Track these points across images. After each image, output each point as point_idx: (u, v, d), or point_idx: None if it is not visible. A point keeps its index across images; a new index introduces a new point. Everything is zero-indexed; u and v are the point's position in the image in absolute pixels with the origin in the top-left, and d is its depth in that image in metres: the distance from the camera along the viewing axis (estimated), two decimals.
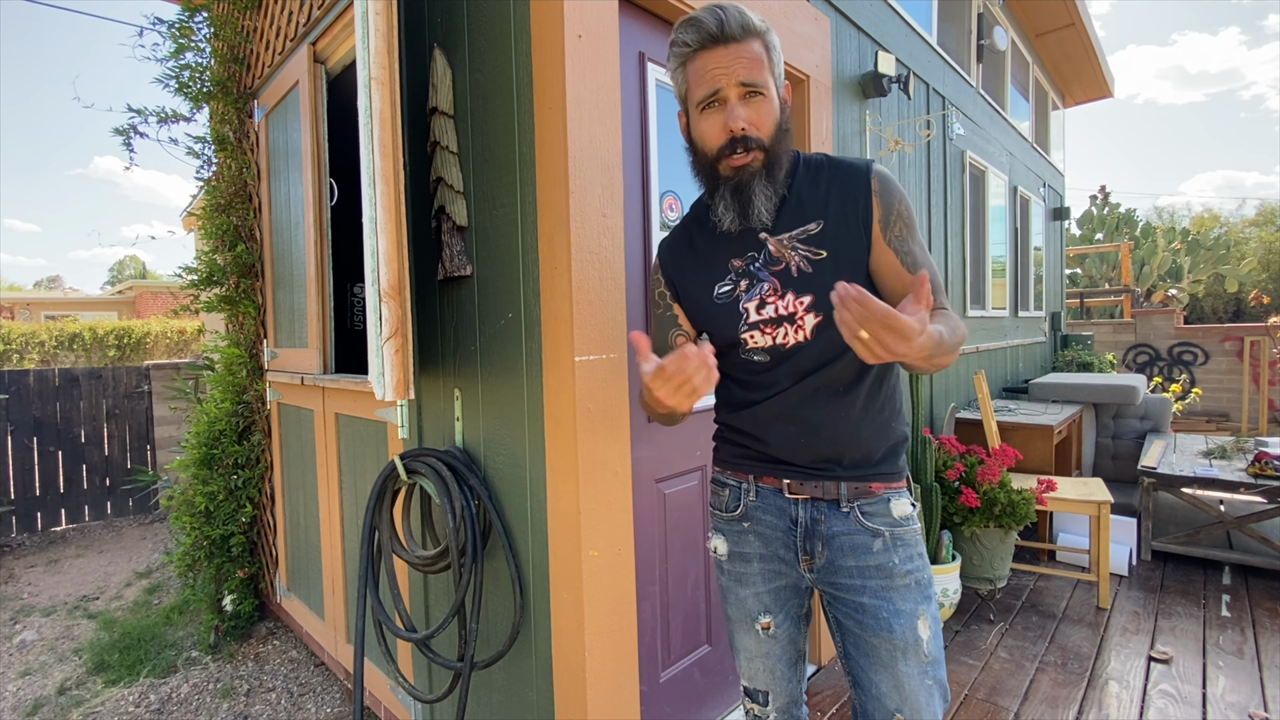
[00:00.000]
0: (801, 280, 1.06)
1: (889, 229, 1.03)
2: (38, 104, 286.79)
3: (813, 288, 1.06)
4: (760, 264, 1.09)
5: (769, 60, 1.01)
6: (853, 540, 1.10)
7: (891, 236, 1.03)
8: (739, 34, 0.98)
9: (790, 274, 1.07)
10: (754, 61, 0.99)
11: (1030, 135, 5.58)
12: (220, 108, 2.96)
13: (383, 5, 1.48)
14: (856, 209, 1.04)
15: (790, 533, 1.14)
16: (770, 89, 1.01)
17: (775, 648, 1.20)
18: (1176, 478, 3.31)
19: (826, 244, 1.05)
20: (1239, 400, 7.18)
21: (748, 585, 1.20)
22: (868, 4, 2.83)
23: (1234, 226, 23.65)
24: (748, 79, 0.99)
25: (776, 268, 1.08)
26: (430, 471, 1.63)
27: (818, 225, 1.05)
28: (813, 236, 1.06)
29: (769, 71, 1.01)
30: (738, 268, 1.11)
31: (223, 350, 3.00)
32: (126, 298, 18.12)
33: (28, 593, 3.75)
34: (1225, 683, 2.29)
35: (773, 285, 1.08)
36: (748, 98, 1.00)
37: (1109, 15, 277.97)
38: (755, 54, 0.99)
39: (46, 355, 11.62)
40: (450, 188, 1.67)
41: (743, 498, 1.18)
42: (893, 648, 1.06)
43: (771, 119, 1.02)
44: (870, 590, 1.08)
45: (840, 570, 1.11)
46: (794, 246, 1.07)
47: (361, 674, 1.68)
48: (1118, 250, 10.93)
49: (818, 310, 1.06)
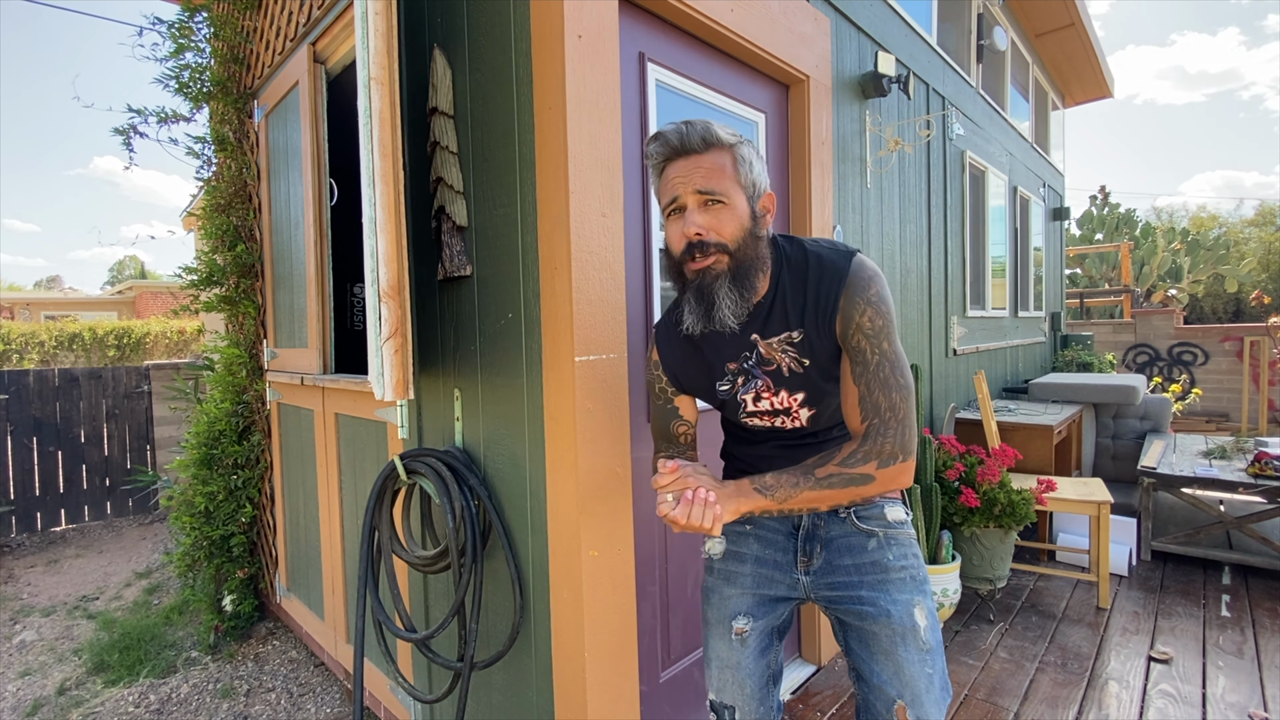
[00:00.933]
0: (792, 379, 1.12)
1: (848, 339, 1.05)
2: (37, 104, 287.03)
3: (804, 387, 1.12)
4: (753, 363, 1.14)
5: (735, 171, 1.03)
6: (849, 541, 1.18)
7: (849, 346, 1.05)
8: (699, 146, 1.03)
9: (782, 374, 1.12)
10: (713, 171, 1.02)
11: (1030, 135, 5.58)
12: (220, 108, 2.96)
13: (383, 5, 1.48)
14: (826, 321, 1.06)
15: (791, 537, 1.22)
16: (734, 197, 1.03)
17: (746, 659, 1.21)
18: (1176, 478, 3.31)
19: (807, 352, 1.09)
20: (1239, 400, 7.18)
21: (735, 585, 1.24)
22: (868, 4, 2.83)
23: (1233, 227, 23.66)
24: (704, 187, 1.02)
25: (768, 368, 1.13)
26: (430, 471, 1.63)
27: (799, 334, 1.09)
28: (796, 343, 1.10)
29: (734, 181, 1.03)
30: (733, 370, 1.16)
31: (223, 350, 3.00)
32: (126, 298, 18.12)
33: (27, 593, 3.75)
34: (1225, 683, 2.29)
35: (766, 383, 1.14)
36: (707, 205, 1.03)
37: (1108, 15, 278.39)
38: (716, 165, 1.03)
39: (46, 355, 11.62)
40: (450, 188, 1.67)
41: None
42: (891, 633, 1.10)
43: (735, 225, 1.03)
44: (867, 584, 1.15)
45: (838, 569, 1.17)
46: (783, 349, 1.11)
47: (361, 674, 1.68)
48: (1118, 250, 10.94)
49: (810, 405, 1.14)
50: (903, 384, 1.02)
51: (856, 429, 1.04)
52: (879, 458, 1.00)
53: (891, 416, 1.01)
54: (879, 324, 1.03)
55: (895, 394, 1.01)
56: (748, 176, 1.05)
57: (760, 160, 1.08)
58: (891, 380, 1.01)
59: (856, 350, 1.04)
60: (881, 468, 1.00)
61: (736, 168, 1.04)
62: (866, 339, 1.03)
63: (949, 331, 3.71)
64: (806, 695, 2.22)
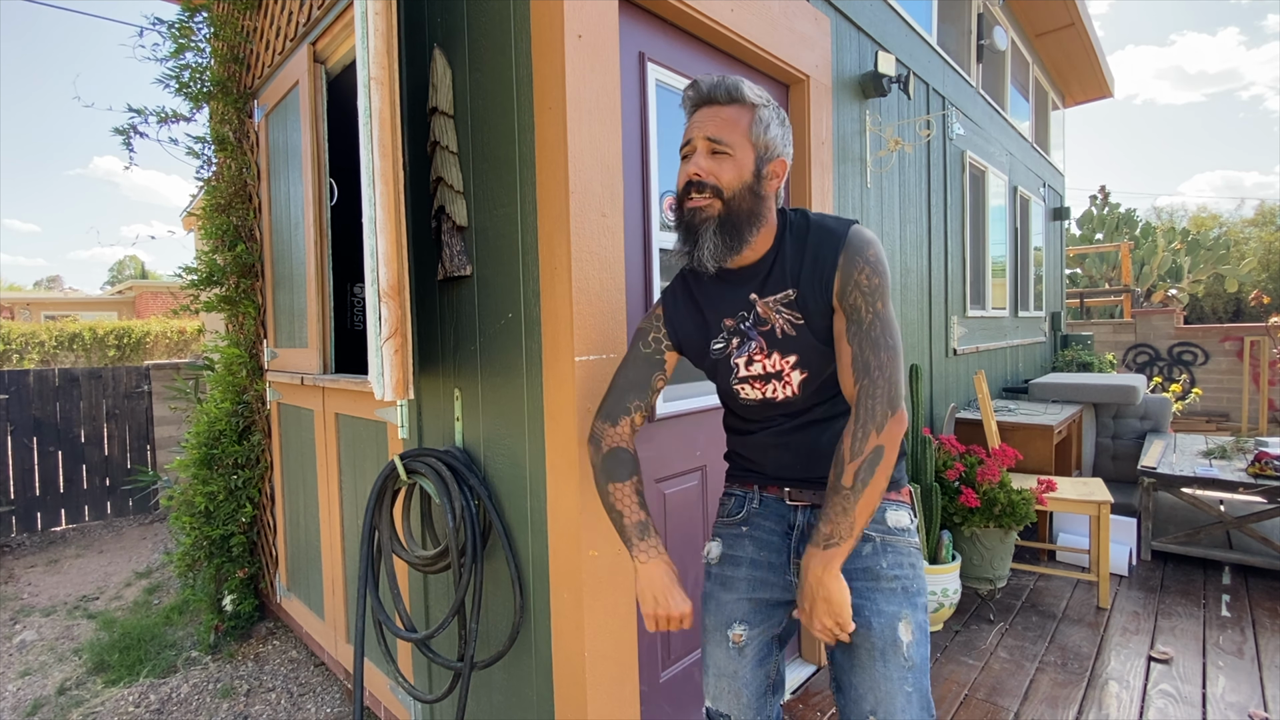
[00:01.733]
0: (785, 341, 1.13)
1: (845, 298, 1.07)
2: (37, 104, 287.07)
3: (796, 349, 1.13)
4: (750, 324, 1.16)
5: (750, 128, 1.08)
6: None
7: (845, 304, 1.07)
8: (723, 98, 1.09)
9: (775, 335, 1.14)
10: (727, 123, 1.08)
11: (1030, 135, 5.58)
12: (220, 108, 2.96)
13: (383, 5, 1.48)
14: (823, 278, 1.08)
15: (785, 537, 1.20)
16: (740, 151, 1.07)
17: (744, 668, 1.20)
18: (1176, 478, 3.31)
19: (802, 310, 1.11)
20: (1239, 400, 7.18)
21: (731, 589, 1.23)
22: (868, 4, 2.83)
23: (1233, 226, 23.66)
24: (714, 135, 1.07)
25: (764, 328, 1.15)
26: (430, 471, 1.63)
27: (794, 292, 1.11)
28: (791, 302, 1.11)
29: (744, 136, 1.08)
30: (729, 326, 1.18)
31: (223, 350, 3.00)
32: (126, 298, 18.12)
33: (28, 593, 3.75)
34: (1225, 683, 2.29)
35: (759, 344, 1.15)
36: (714, 153, 1.08)
37: (1107, 15, 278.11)
38: (731, 118, 1.08)
39: (46, 355, 11.62)
40: (450, 188, 1.67)
41: (746, 504, 1.26)
42: (871, 646, 1.09)
43: (733, 175, 1.07)
44: (855, 591, 1.11)
45: None
46: (778, 309, 1.13)
47: (361, 674, 1.68)
48: (1118, 250, 10.94)
49: (803, 368, 1.13)
50: (891, 344, 1.04)
51: (850, 392, 1.06)
52: (873, 422, 1.02)
53: (880, 374, 1.03)
54: (875, 283, 1.05)
55: (884, 353, 1.03)
56: (761, 136, 1.08)
57: (781, 127, 1.11)
58: (882, 340, 1.03)
59: (852, 309, 1.06)
60: (879, 432, 1.01)
61: (751, 125, 1.07)
62: (863, 296, 1.05)
63: (949, 331, 3.71)
64: (806, 695, 2.22)
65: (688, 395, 1.94)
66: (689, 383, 1.94)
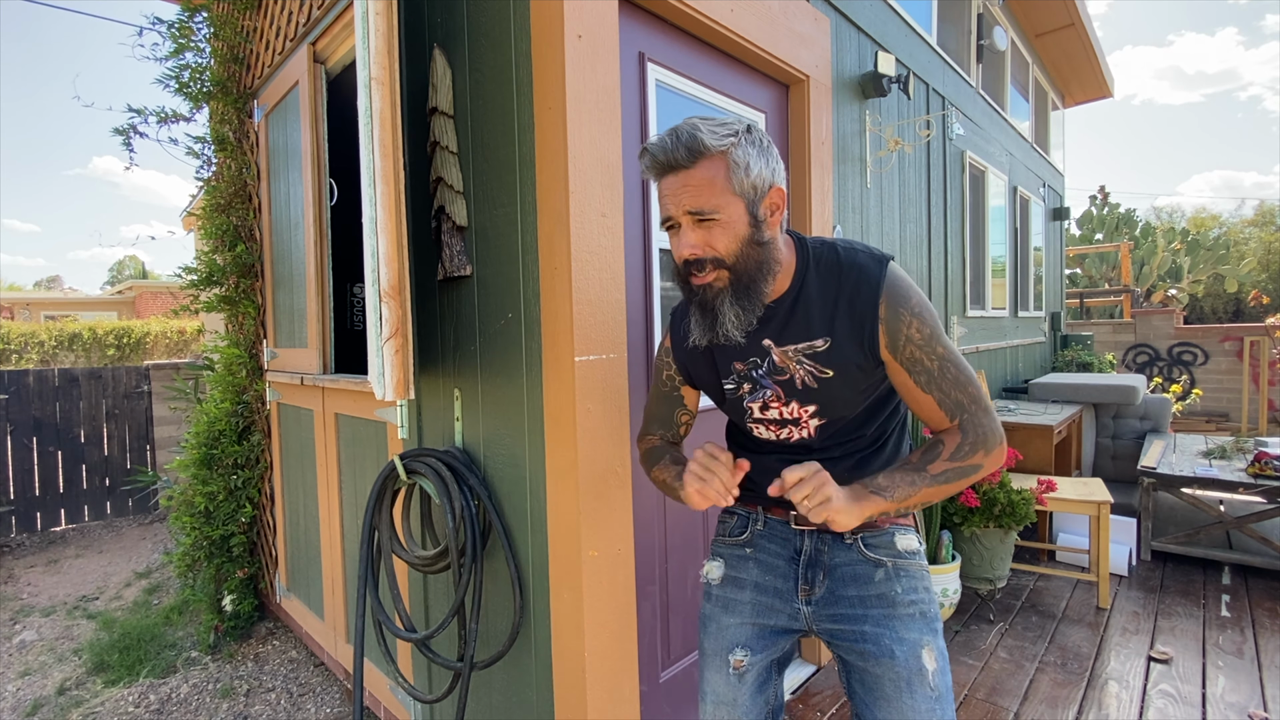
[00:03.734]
0: (806, 392, 1.06)
1: (898, 352, 1.01)
2: (36, 104, 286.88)
3: (818, 400, 1.06)
4: (763, 372, 1.08)
5: (729, 179, 0.96)
6: (854, 570, 1.10)
7: (903, 359, 1.01)
8: (685, 160, 0.95)
9: (795, 386, 1.06)
10: (702, 187, 0.95)
11: (1030, 135, 5.58)
12: (220, 108, 2.96)
13: (383, 5, 1.48)
14: (863, 333, 1.01)
15: (793, 562, 1.14)
16: (728, 209, 0.96)
17: (743, 696, 1.16)
18: (1176, 478, 3.31)
19: (833, 363, 1.03)
20: (1239, 400, 7.18)
21: (734, 613, 1.18)
22: (868, 4, 2.83)
23: (1233, 227, 23.67)
24: (693, 207, 0.96)
25: (780, 377, 1.07)
26: (430, 472, 1.63)
27: (824, 343, 1.03)
28: (819, 353, 1.03)
29: (726, 191, 0.96)
30: (740, 371, 1.11)
31: (222, 350, 3.00)
32: (126, 298, 18.12)
33: (27, 593, 3.75)
34: (1225, 683, 2.29)
35: (776, 393, 1.09)
36: (699, 223, 0.97)
37: (1106, 15, 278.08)
38: (705, 179, 0.95)
39: (46, 355, 11.62)
40: (450, 188, 1.67)
41: (750, 525, 1.20)
42: (896, 677, 1.04)
43: (729, 238, 0.97)
44: (872, 619, 1.07)
45: (841, 600, 1.10)
46: (799, 360, 1.05)
47: (361, 674, 1.68)
48: (1117, 250, 10.94)
49: (822, 415, 1.08)
50: (971, 376, 1.01)
51: (941, 426, 1.03)
52: (984, 446, 0.99)
53: (977, 407, 1.00)
54: (926, 332, 1.00)
55: (971, 387, 1.01)
56: (744, 182, 0.96)
57: (762, 155, 0.98)
58: (961, 378, 1.01)
59: (913, 361, 1.00)
60: (988, 454, 1.00)
61: (730, 175, 0.96)
62: (920, 349, 1.00)
63: (949, 331, 3.71)
64: (806, 695, 2.22)
65: None
66: None
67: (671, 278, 1.11)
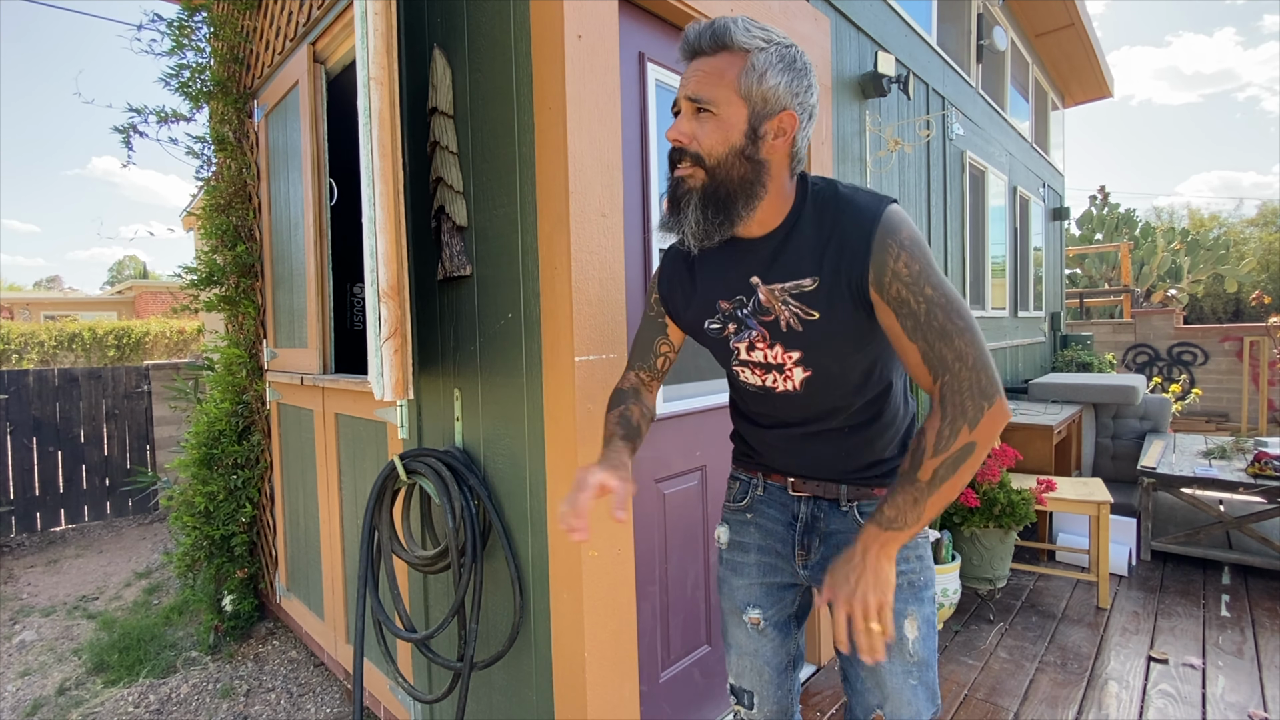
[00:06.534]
0: (790, 336, 1.02)
1: (884, 290, 0.93)
2: (35, 104, 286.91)
3: (802, 345, 1.02)
4: (748, 311, 1.04)
5: (739, 79, 0.91)
6: (849, 538, 1.12)
7: (889, 297, 0.93)
8: (707, 47, 0.93)
9: (779, 328, 1.02)
10: (709, 76, 0.92)
11: (1030, 135, 5.58)
12: (220, 108, 2.96)
13: (382, 5, 1.48)
14: (852, 271, 0.94)
15: (790, 528, 1.18)
16: (726, 108, 0.92)
17: (765, 647, 1.20)
18: (1176, 478, 3.31)
19: (820, 304, 0.97)
20: (1238, 400, 7.18)
21: (742, 575, 1.22)
22: (868, 4, 2.83)
23: (1233, 227, 23.68)
24: (694, 94, 0.93)
25: (765, 318, 1.03)
26: (430, 471, 1.63)
27: (813, 282, 0.97)
28: (806, 293, 0.98)
29: (732, 89, 0.91)
30: (725, 310, 1.07)
31: (222, 350, 3.00)
32: (126, 298, 18.12)
33: (27, 593, 3.75)
34: (1225, 683, 2.29)
35: (761, 334, 1.05)
36: (697, 113, 0.94)
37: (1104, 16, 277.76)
38: (716, 69, 0.92)
39: (46, 355, 11.62)
40: (450, 188, 1.67)
41: (750, 491, 1.23)
42: None
43: (718, 139, 0.93)
44: None
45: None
46: (785, 300, 1.00)
47: (361, 674, 1.68)
48: (1117, 250, 10.94)
49: (806, 365, 1.03)
50: (961, 326, 0.90)
51: (929, 387, 0.94)
52: (966, 419, 0.88)
53: (961, 366, 0.89)
54: (916, 269, 0.91)
55: (958, 339, 0.89)
56: (754, 87, 0.91)
57: (788, 73, 0.92)
58: (949, 326, 0.90)
59: (899, 302, 0.91)
60: (974, 428, 0.88)
61: (741, 75, 0.91)
62: (906, 287, 0.91)
63: None
64: (806, 695, 2.22)
65: (688, 395, 1.94)
66: (689, 383, 1.94)
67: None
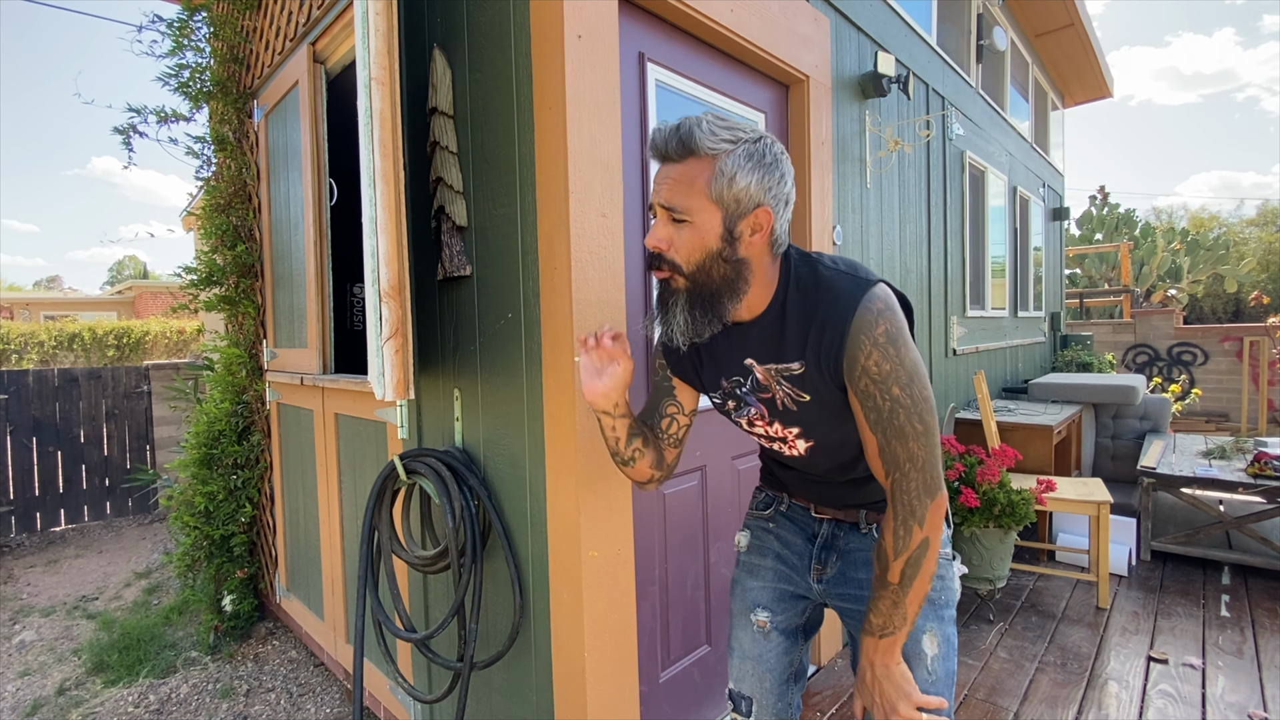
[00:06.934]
0: (787, 414, 1.06)
1: (854, 382, 0.95)
2: (35, 104, 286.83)
3: (799, 422, 1.06)
4: (747, 389, 1.08)
5: (709, 185, 0.91)
6: (867, 555, 1.15)
7: (857, 389, 0.95)
8: (675, 154, 0.93)
9: (776, 406, 1.06)
10: (679, 185, 0.93)
11: (1030, 135, 5.58)
12: (220, 108, 2.96)
13: (383, 5, 1.48)
14: (828, 359, 0.96)
15: (809, 543, 1.21)
16: (699, 215, 0.92)
17: (769, 652, 1.21)
18: (1176, 478, 3.31)
19: (808, 388, 1.01)
20: (1238, 400, 7.18)
21: (756, 577, 1.25)
22: (867, 4, 2.83)
23: (1233, 227, 23.68)
24: (667, 202, 0.94)
25: (764, 395, 1.07)
26: (430, 472, 1.63)
27: (800, 366, 1.00)
28: (795, 376, 1.01)
29: (704, 196, 0.92)
30: (725, 388, 1.11)
31: (222, 350, 3.00)
32: (126, 298, 18.11)
33: (27, 593, 3.74)
34: (1225, 683, 2.29)
35: (760, 411, 1.09)
36: (671, 220, 0.95)
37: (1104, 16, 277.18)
38: (686, 177, 0.92)
39: (46, 355, 11.62)
40: (450, 188, 1.67)
41: (775, 504, 1.28)
42: None
43: (695, 246, 0.94)
44: None
45: (851, 581, 1.15)
46: (779, 380, 1.03)
47: (361, 674, 1.68)
48: (1117, 250, 10.94)
49: (807, 437, 1.07)
50: (920, 428, 0.93)
51: (883, 480, 0.99)
52: (914, 517, 0.94)
53: (911, 467, 0.94)
54: (886, 369, 0.92)
55: (913, 442, 0.93)
56: (725, 193, 0.91)
57: (758, 170, 0.93)
58: (907, 429, 0.93)
59: (866, 394, 0.94)
60: (922, 525, 0.94)
61: (711, 182, 0.91)
62: (874, 384, 0.93)
63: (949, 331, 3.71)
64: (806, 695, 2.22)
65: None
66: None
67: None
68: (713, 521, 2.04)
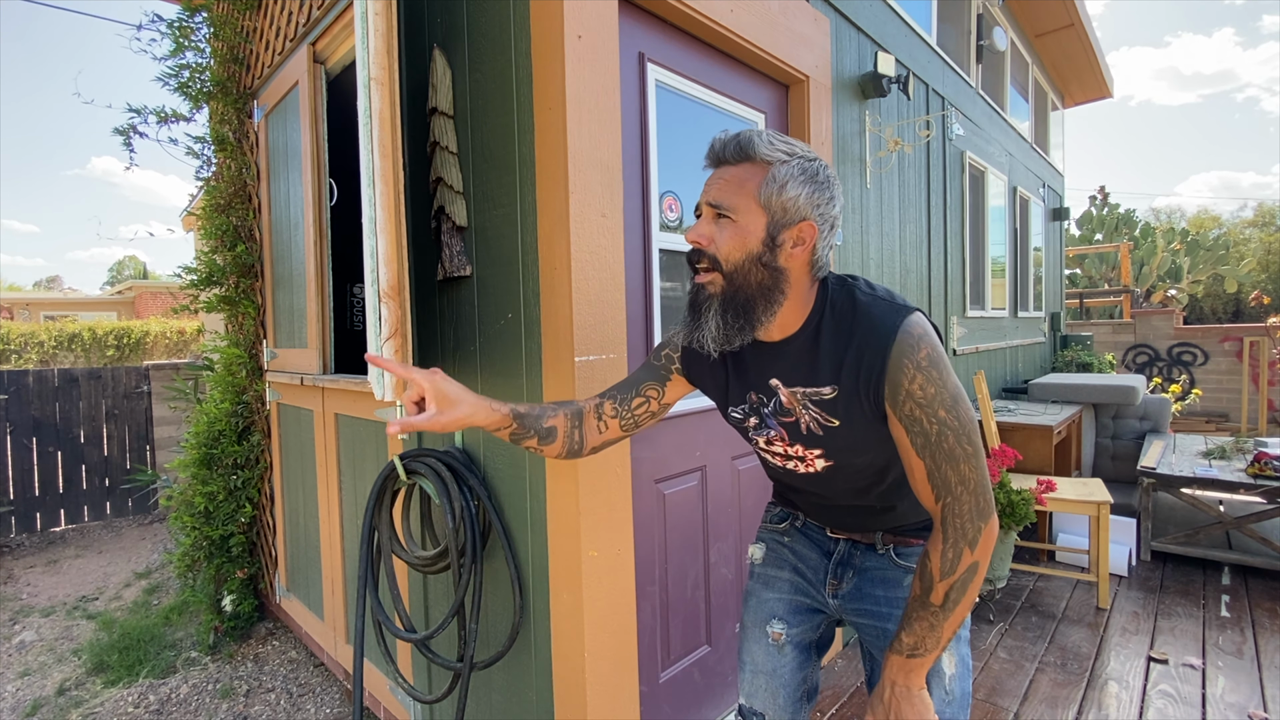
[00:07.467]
0: (810, 438, 1.04)
1: (898, 407, 0.94)
2: (35, 104, 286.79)
3: (822, 445, 1.04)
4: (770, 411, 1.07)
5: (759, 187, 0.93)
6: (885, 574, 1.14)
7: (901, 414, 0.94)
8: (731, 157, 0.96)
9: (799, 430, 1.05)
10: (731, 184, 0.95)
11: (1030, 136, 5.58)
12: (220, 108, 2.96)
13: (383, 5, 1.48)
14: (869, 386, 0.95)
15: (825, 559, 1.20)
16: (745, 216, 0.94)
17: (783, 666, 1.20)
18: (1176, 478, 3.31)
19: (839, 413, 1.00)
20: (1238, 400, 7.18)
21: (772, 589, 1.24)
22: (867, 4, 2.83)
23: (1233, 227, 23.69)
24: (715, 200, 0.96)
25: (786, 419, 1.05)
26: (430, 472, 1.63)
27: (832, 390, 0.99)
28: (826, 400, 1.00)
29: (752, 198, 0.94)
30: (752, 401, 1.10)
31: (222, 350, 3.00)
32: (126, 298, 18.11)
33: (27, 593, 3.74)
34: (1225, 683, 2.29)
35: (780, 434, 1.08)
36: (717, 218, 0.96)
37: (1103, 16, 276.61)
38: (738, 178, 0.95)
39: (46, 355, 11.62)
40: (450, 188, 1.67)
41: (790, 520, 1.27)
42: None
43: (736, 245, 0.94)
44: (896, 618, 1.09)
45: (868, 598, 1.14)
46: (806, 405, 1.02)
47: (361, 674, 1.68)
48: (1117, 251, 10.94)
49: (829, 458, 1.06)
50: (969, 450, 0.92)
51: (931, 506, 0.96)
52: (966, 540, 0.92)
53: (963, 490, 0.92)
54: (930, 392, 0.92)
55: (964, 464, 0.92)
56: (774, 197, 0.93)
57: (809, 185, 0.94)
58: (957, 451, 0.92)
59: (911, 419, 0.93)
60: (974, 549, 0.92)
61: (762, 185, 0.93)
62: (920, 408, 0.92)
63: (949, 332, 3.71)
64: None
65: (688, 396, 1.93)
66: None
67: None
68: (713, 522, 2.04)
